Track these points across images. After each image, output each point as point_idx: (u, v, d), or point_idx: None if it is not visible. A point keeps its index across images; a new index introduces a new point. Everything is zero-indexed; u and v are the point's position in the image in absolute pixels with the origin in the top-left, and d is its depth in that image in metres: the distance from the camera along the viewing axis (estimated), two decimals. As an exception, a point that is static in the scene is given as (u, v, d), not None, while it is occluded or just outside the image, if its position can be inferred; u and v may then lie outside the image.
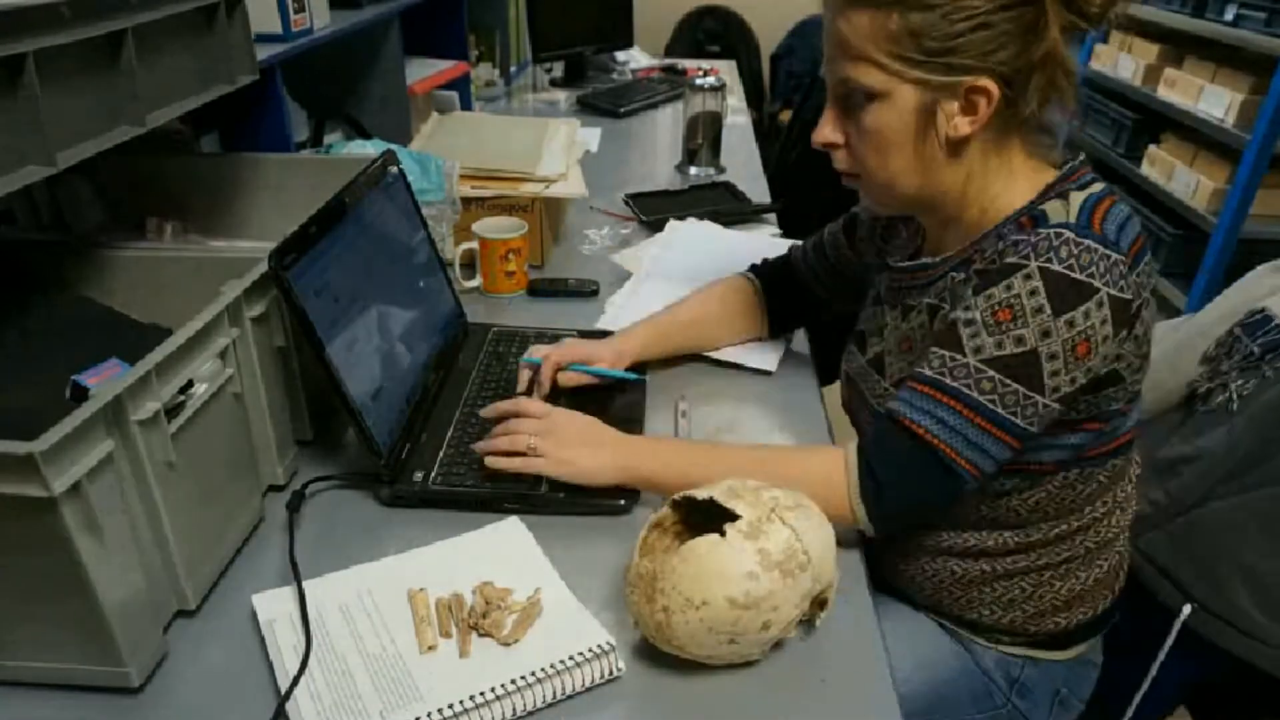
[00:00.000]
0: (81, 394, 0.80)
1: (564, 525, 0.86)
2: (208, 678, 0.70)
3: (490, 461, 0.88)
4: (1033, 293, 0.73)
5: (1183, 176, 2.75)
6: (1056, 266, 0.73)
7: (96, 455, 0.60)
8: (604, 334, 1.13)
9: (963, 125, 0.78)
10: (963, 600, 0.92)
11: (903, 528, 0.89)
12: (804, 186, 2.23)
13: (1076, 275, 0.73)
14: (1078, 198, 0.77)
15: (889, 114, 0.79)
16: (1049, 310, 0.73)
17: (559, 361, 1.03)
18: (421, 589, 0.75)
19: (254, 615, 0.74)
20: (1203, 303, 1.30)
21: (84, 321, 0.91)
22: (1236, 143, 2.49)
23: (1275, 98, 2.34)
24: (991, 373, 0.76)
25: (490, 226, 1.31)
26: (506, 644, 0.70)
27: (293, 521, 0.83)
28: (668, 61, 3.01)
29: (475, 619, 0.71)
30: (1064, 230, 0.74)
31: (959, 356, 0.77)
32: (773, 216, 1.65)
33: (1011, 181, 0.82)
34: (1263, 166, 2.44)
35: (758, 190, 1.80)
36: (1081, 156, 0.84)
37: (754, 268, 1.19)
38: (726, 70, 2.94)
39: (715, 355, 1.15)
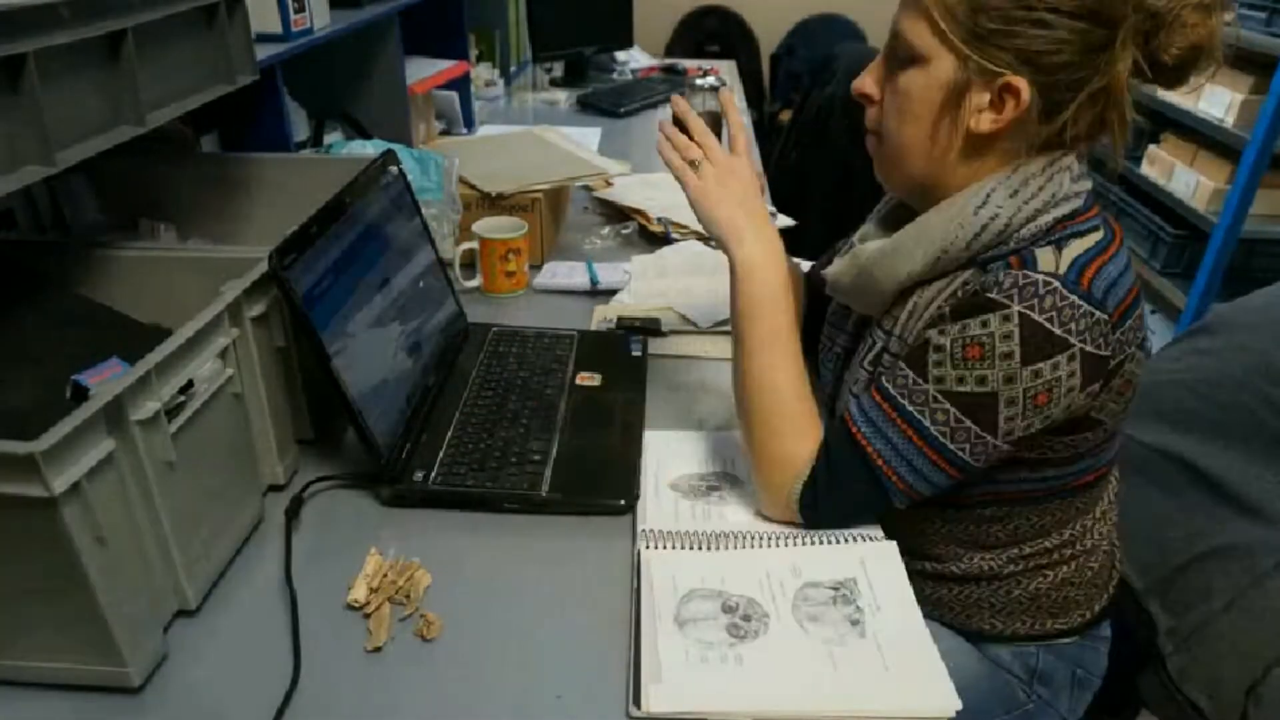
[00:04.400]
0: (82, 394, 0.80)
1: (564, 525, 0.86)
2: (208, 678, 0.69)
3: (660, 147, 0.90)
4: (1007, 336, 0.73)
5: (1183, 176, 2.75)
6: (1037, 316, 0.72)
7: (96, 455, 0.60)
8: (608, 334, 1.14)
9: (985, 120, 0.76)
10: (963, 616, 0.93)
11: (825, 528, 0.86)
12: (805, 188, 2.24)
13: (1054, 329, 0.72)
14: (1071, 251, 0.75)
15: (922, 80, 0.77)
16: (1018, 357, 0.72)
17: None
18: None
19: (254, 615, 0.74)
20: (1203, 302, 1.28)
21: (84, 321, 0.90)
22: (1236, 143, 2.49)
23: (1275, 98, 2.34)
24: (947, 405, 0.76)
25: (490, 226, 1.31)
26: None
27: (290, 530, 0.83)
28: (668, 61, 3.01)
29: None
30: (1053, 281, 0.72)
31: (921, 381, 0.77)
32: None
33: (1022, 200, 0.77)
34: (1263, 166, 2.43)
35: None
36: (1088, 186, 0.81)
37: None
38: (726, 70, 2.94)
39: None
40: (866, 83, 0.84)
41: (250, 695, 0.68)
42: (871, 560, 0.80)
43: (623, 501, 0.88)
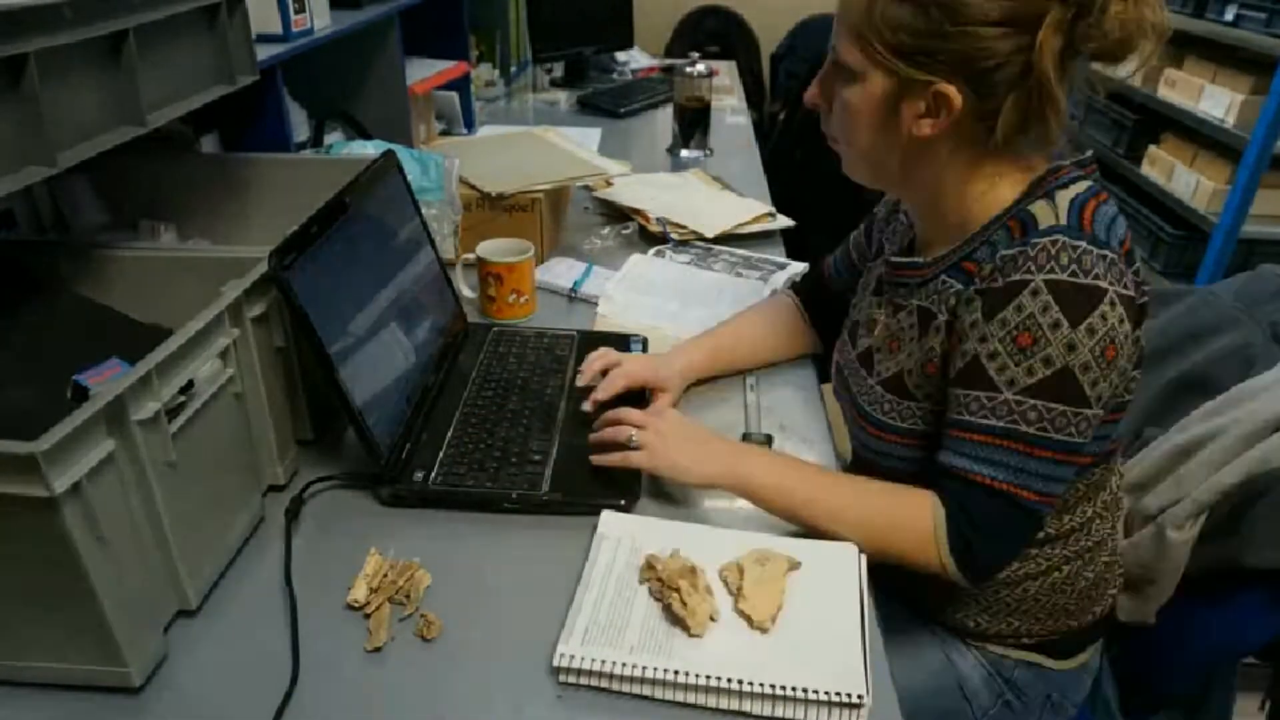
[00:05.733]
0: (82, 394, 0.80)
1: (564, 525, 0.86)
2: (208, 678, 0.70)
3: (594, 458, 0.90)
4: (1045, 308, 0.72)
5: (1183, 176, 2.75)
6: (1060, 275, 0.72)
7: (97, 455, 0.60)
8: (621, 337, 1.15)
9: (924, 126, 0.78)
10: (949, 609, 0.92)
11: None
12: (808, 187, 2.24)
13: (1081, 280, 0.72)
14: (1064, 197, 0.76)
15: (859, 94, 0.80)
16: (1066, 323, 0.72)
17: (627, 384, 1.01)
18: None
19: (254, 615, 0.75)
20: None
21: (84, 321, 0.90)
22: (1236, 143, 2.49)
23: (1275, 98, 2.34)
24: (1033, 401, 0.74)
25: (495, 250, 1.23)
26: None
27: (290, 530, 0.83)
28: (668, 61, 3.01)
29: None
30: (1058, 236, 0.73)
31: (996, 394, 0.76)
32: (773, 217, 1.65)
33: (993, 181, 0.81)
34: (1263, 166, 2.44)
35: (758, 191, 1.80)
36: (1090, 153, 0.83)
37: (791, 286, 1.19)
38: (726, 70, 2.94)
39: None
40: (814, 94, 0.87)
41: (250, 695, 0.68)
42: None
43: (623, 501, 0.88)
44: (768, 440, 0.98)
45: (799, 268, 1.39)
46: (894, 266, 0.91)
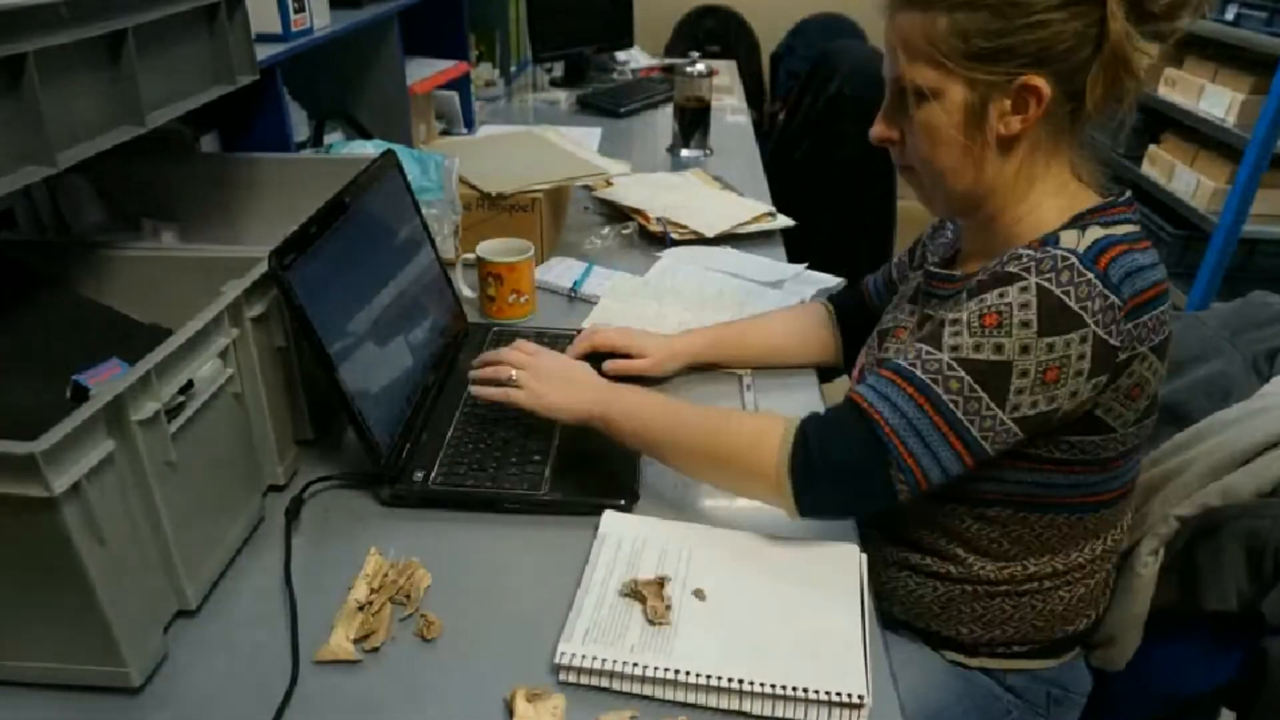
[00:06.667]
0: (82, 394, 0.80)
1: (564, 525, 0.86)
2: (208, 678, 0.70)
3: (475, 391, 0.95)
4: (1024, 305, 0.73)
5: (1183, 176, 2.75)
6: (1054, 288, 0.72)
7: (97, 455, 0.60)
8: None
9: (1014, 123, 0.77)
10: (941, 617, 0.91)
11: (828, 515, 0.84)
12: (812, 187, 2.24)
13: (1070, 303, 0.72)
14: (1095, 233, 0.76)
15: (940, 112, 0.79)
16: (1035, 327, 0.72)
17: (602, 343, 1.07)
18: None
19: (254, 615, 0.75)
20: (1204, 302, 1.27)
21: (84, 321, 0.90)
22: (1237, 142, 2.49)
23: (1275, 98, 2.34)
24: (961, 373, 0.74)
25: (494, 249, 1.23)
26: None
27: (290, 530, 0.83)
28: (668, 61, 3.01)
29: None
30: (1069, 256, 0.73)
31: (935, 353, 0.76)
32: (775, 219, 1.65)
33: (1051, 196, 0.81)
34: (1263, 166, 2.44)
35: (758, 191, 1.80)
36: (1127, 194, 0.82)
37: (830, 297, 1.19)
38: (726, 70, 2.94)
39: None
40: (879, 129, 0.86)
41: (250, 695, 0.68)
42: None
43: (623, 501, 0.87)
44: None
45: (827, 280, 1.38)
46: (930, 276, 0.92)
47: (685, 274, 1.40)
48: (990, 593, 0.88)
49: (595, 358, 1.05)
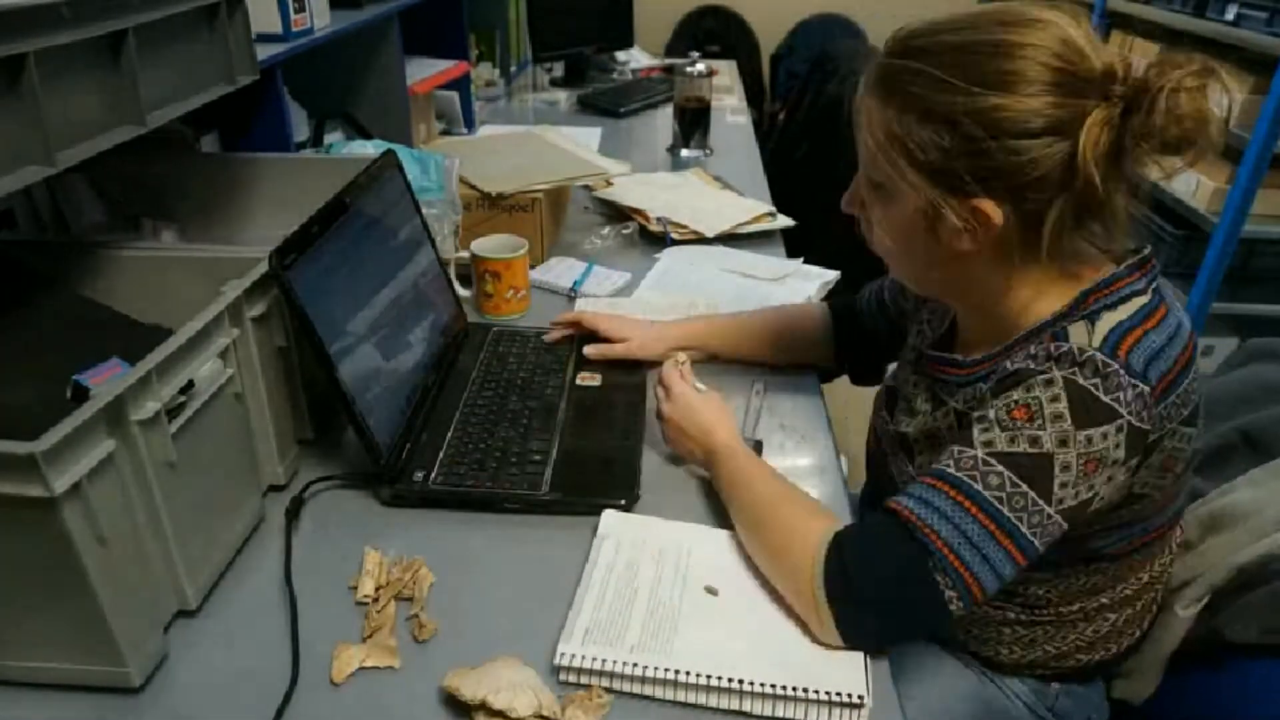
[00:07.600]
0: (82, 394, 0.80)
1: (564, 525, 0.86)
2: (208, 678, 0.70)
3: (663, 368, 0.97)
4: (1054, 399, 0.68)
5: (1183, 176, 2.74)
6: (1082, 381, 0.68)
7: (97, 455, 0.60)
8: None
9: (964, 242, 0.73)
10: (980, 636, 0.89)
11: (871, 643, 0.71)
12: (812, 187, 2.24)
13: (1101, 396, 0.67)
14: (1107, 321, 0.71)
15: (894, 208, 0.76)
16: (1069, 420, 0.67)
17: (578, 320, 1.12)
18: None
19: (254, 615, 0.75)
20: (1204, 302, 1.24)
21: (84, 321, 0.90)
22: (1237, 143, 2.49)
23: (1275, 98, 2.34)
24: (1000, 468, 0.69)
25: (489, 246, 1.24)
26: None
27: (290, 530, 0.83)
28: (668, 61, 3.01)
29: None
30: (1088, 350, 0.69)
31: (966, 450, 0.71)
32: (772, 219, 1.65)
33: (1039, 289, 0.76)
34: (1263, 166, 2.43)
35: (758, 191, 1.80)
36: (1146, 250, 0.76)
37: (827, 302, 1.18)
38: (726, 70, 2.94)
39: None
40: (850, 201, 0.82)
41: (250, 695, 0.68)
42: None
43: (623, 501, 0.87)
44: (757, 446, 0.97)
45: (826, 276, 1.38)
46: (930, 360, 0.89)
47: (699, 275, 1.40)
48: (1033, 619, 0.86)
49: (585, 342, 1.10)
